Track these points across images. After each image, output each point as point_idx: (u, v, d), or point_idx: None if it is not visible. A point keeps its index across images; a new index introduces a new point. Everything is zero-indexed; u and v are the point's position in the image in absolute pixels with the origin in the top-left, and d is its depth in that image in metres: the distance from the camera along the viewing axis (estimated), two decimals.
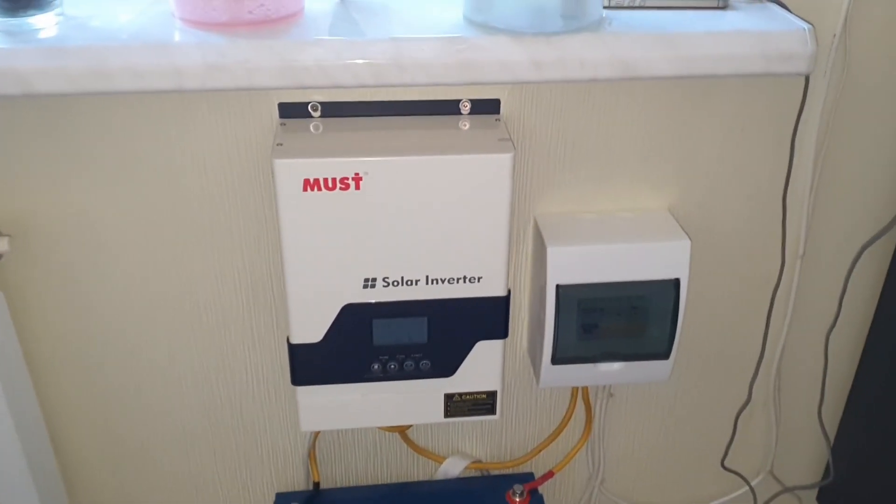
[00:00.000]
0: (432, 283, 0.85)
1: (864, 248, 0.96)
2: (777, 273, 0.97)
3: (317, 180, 0.78)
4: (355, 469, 1.10)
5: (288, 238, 0.81)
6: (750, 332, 1.03)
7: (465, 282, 0.86)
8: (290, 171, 0.78)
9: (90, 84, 0.69)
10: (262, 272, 0.93)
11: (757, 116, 0.89)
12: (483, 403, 0.94)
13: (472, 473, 1.11)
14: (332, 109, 0.85)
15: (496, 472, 1.10)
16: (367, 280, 0.85)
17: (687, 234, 0.89)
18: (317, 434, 1.06)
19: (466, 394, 0.93)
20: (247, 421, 1.04)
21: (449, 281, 0.85)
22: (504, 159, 0.80)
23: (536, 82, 0.75)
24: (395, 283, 0.85)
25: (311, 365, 0.89)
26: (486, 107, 0.87)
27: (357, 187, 0.79)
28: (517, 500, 1.03)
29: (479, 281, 0.86)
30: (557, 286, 0.89)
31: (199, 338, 0.97)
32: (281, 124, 0.83)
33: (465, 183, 0.80)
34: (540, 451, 1.09)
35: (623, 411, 1.09)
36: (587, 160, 0.90)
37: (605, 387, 1.06)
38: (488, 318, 0.88)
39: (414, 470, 1.11)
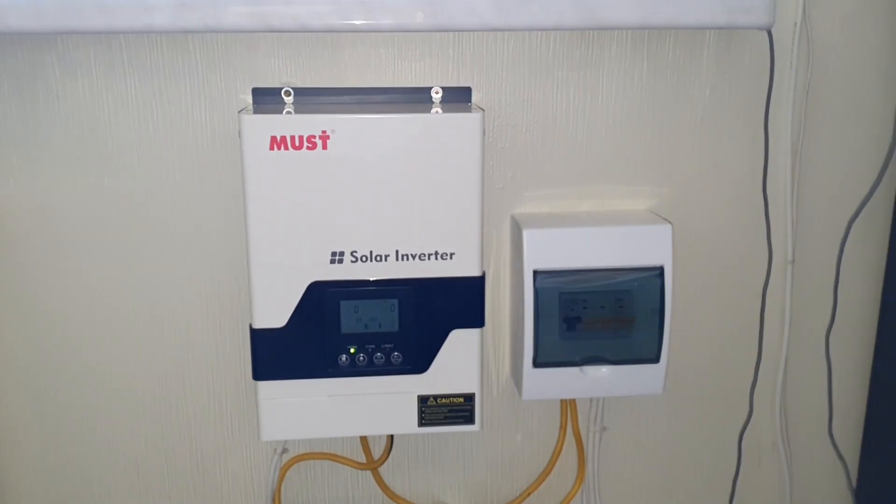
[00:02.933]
0: (403, 258, 0.82)
1: (850, 223, 0.93)
2: (765, 269, 0.93)
3: (283, 138, 0.77)
4: None
5: (253, 204, 0.79)
6: (744, 335, 0.97)
7: (437, 258, 0.82)
8: (257, 127, 0.77)
9: (60, 19, 0.70)
10: (229, 287, 0.90)
11: (728, 104, 0.90)
12: (461, 410, 0.87)
13: None
14: (305, 94, 0.86)
15: None
16: (334, 254, 0.81)
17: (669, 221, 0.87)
18: (282, 475, 0.97)
19: (442, 397, 0.86)
20: (207, 458, 0.96)
21: (420, 257, 0.82)
22: (474, 118, 0.79)
23: (502, 29, 0.76)
24: (364, 259, 0.81)
25: (274, 355, 0.83)
26: (458, 95, 0.87)
27: (324, 146, 0.78)
28: None
29: (451, 258, 0.82)
30: (535, 272, 0.85)
31: (159, 357, 0.92)
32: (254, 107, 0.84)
33: (435, 144, 0.79)
34: (528, 494, 0.99)
35: (617, 448, 1.00)
36: (562, 158, 0.90)
37: (596, 419, 0.98)
38: (462, 301, 0.84)
39: None
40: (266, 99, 0.86)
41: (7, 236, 0.86)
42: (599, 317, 0.87)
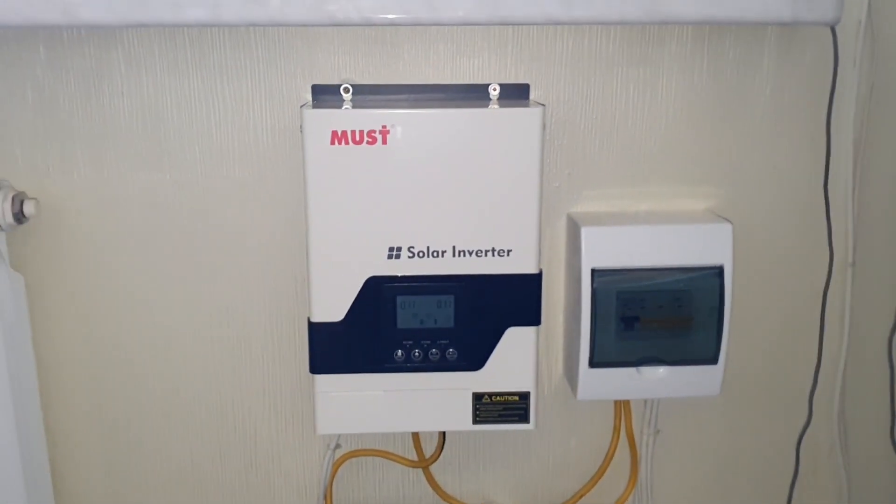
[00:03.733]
0: (459, 255, 0.82)
1: None
2: (826, 270, 0.92)
3: (344, 132, 0.78)
4: None
5: (313, 198, 0.79)
6: (803, 338, 0.95)
7: (493, 255, 0.82)
8: (319, 122, 0.78)
9: (131, 12, 0.71)
10: (287, 282, 0.91)
11: (789, 103, 0.89)
12: (515, 408, 0.86)
13: None
14: (363, 90, 0.86)
15: None
16: (391, 249, 0.81)
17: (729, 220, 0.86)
18: (335, 471, 0.97)
19: (497, 394, 0.86)
20: (261, 453, 0.96)
21: (477, 253, 0.82)
22: (534, 114, 0.79)
23: (565, 22, 0.76)
24: (421, 254, 0.81)
25: (331, 349, 0.83)
26: (516, 92, 0.87)
27: (384, 141, 0.78)
28: None
29: (508, 255, 0.82)
30: (593, 270, 0.85)
31: (215, 351, 0.93)
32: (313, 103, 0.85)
33: (494, 140, 0.79)
34: (581, 496, 0.98)
35: (672, 451, 0.99)
36: (620, 156, 0.89)
37: (650, 422, 0.97)
38: (519, 299, 0.83)
39: None
40: (325, 95, 0.86)
41: (70, 229, 0.87)
42: (657, 316, 0.86)
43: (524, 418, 0.87)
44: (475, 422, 0.87)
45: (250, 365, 0.93)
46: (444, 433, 0.95)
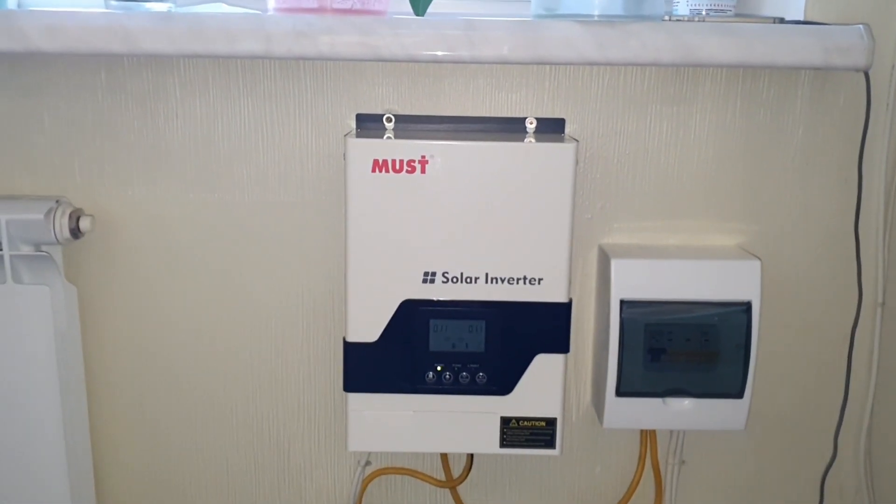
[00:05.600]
0: (492, 281, 0.84)
1: None
2: (854, 310, 0.92)
3: (385, 161, 0.81)
4: None
5: (353, 222, 0.83)
6: (830, 376, 0.96)
7: (525, 283, 0.84)
8: (361, 150, 0.81)
9: (188, 44, 0.76)
10: (325, 302, 0.94)
11: (821, 144, 0.90)
12: (542, 433, 0.89)
13: None
14: (405, 121, 0.90)
15: None
16: (426, 274, 0.84)
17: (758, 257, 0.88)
18: (364, 488, 1.00)
19: (524, 419, 0.88)
20: (293, 467, 1.00)
21: (509, 281, 0.84)
22: (567, 150, 0.82)
23: (599, 63, 0.78)
24: (455, 280, 0.84)
25: (364, 369, 0.86)
26: (552, 126, 0.90)
27: (423, 171, 0.82)
28: None
29: (539, 283, 0.84)
30: (622, 301, 0.87)
31: (254, 366, 0.96)
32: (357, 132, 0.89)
33: (529, 172, 0.82)
34: None
35: (696, 482, 1.00)
36: (652, 191, 0.92)
37: (675, 452, 0.98)
38: (549, 327, 0.86)
39: None
40: (369, 124, 0.90)
41: (122, 245, 0.92)
42: (684, 349, 0.87)
43: (550, 444, 0.89)
44: (502, 445, 0.89)
45: (287, 381, 0.96)
46: (471, 455, 0.97)
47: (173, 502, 1.00)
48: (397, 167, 0.81)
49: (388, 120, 0.90)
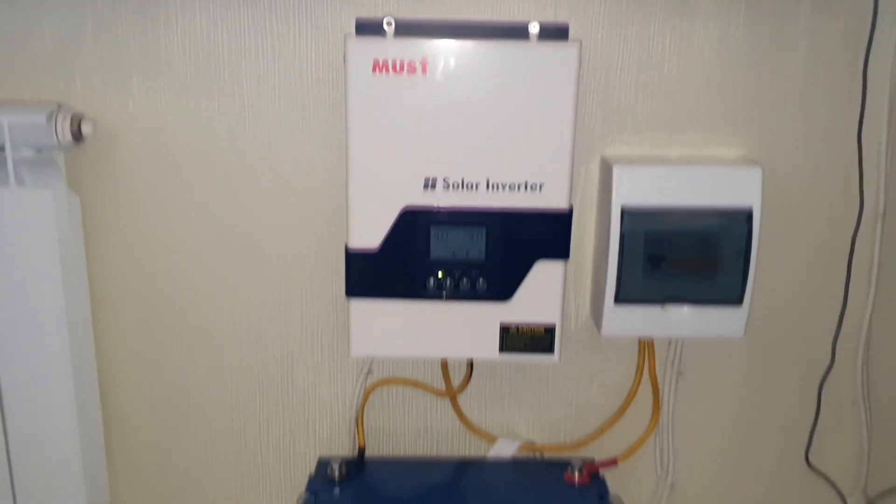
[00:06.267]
0: (493, 188, 0.84)
1: None
2: (855, 219, 0.92)
3: (385, 62, 0.81)
4: (404, 443, 1.03)
5: (354, 126, 0.83)
6: (830, 285, 0.96)
7: (526, 189, 0.84)
8: (361, 50, 0.81)
9: None
10: (326, 211, 0.94)
11: (826, 53, 0.89)
12: (541, 340, 0.89)
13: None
14: (405, 26, 0.89)
15: (552, 456, 1.02)
16: (427, 180, 0.84)
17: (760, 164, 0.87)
18: (366, 397, 1.01)
19: (524, 326, 0.89)
20: (297, 380, 1.01)
21: (510, 187, 0.84)
22: (570, 50, 0.81)
23: None
24: (456, 186, 0.84)
25: (366, 275, 0.87)
26: (555, 32, 0.89)
27: (424, 71, 0.81)
28: (576, 477, 0.94)
29: (540, 189, 0.85)
30: (623, 209, 0.87)
31: (256, 276, 0.97)
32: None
33: (532, 74, 0.81)
34: (602, 433, 1.01)
35: (693, 393, 1.01)
36: (655, 102, 0.91)
37: (673, 363, 0.99)
38: (549, 233, 0.86)
39: (465, 451, 1.04)
40: (368, 29, 0.89)
41: (124, 153, 0.92)
42: (684, 257, 0.88)
43: (549, 350, 0.90)
44: (502, 351, 0.90)
45: (290, 292, 0.97)
46: (471, 365, 0.98)
47: (177, 415, 1.01)
48: (398, 68, 0.81)
49: (388, 24, 0.88)
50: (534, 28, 0.88)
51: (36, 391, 0.89)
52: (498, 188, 0.84)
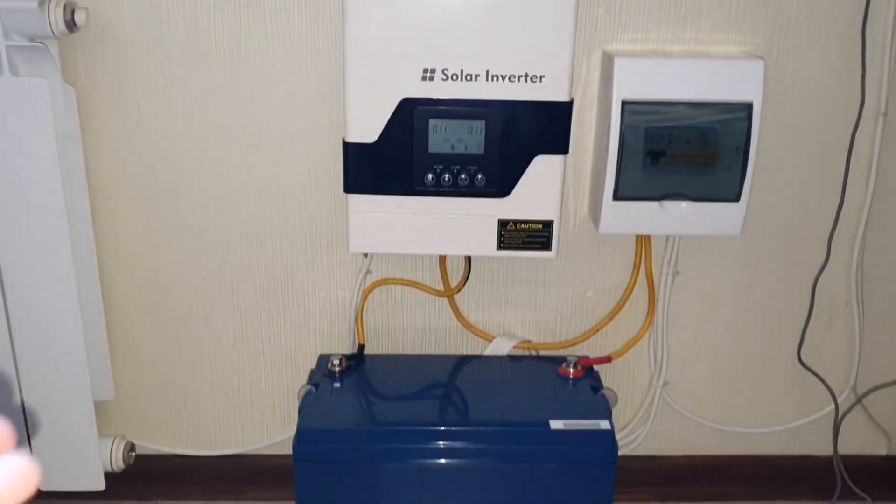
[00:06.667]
0: (492, 79, 0.84)
1: None
2: (856, 115, 0.92)
3: None
4: (403, 343, 1.05)
5: (351, 13, 0.81)
6: (828, 181, 0.96)
7: (526, 80, 0.84)
8: None
9: None
10: (321, 104, 0.93)
11: None
12: (538, 236, 0.90)
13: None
14: None
15: (547, 354, 1.04)
16: (426, 70, 0.83)
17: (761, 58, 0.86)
18: (365, 296, 1.02)
19: (521, 222, 0.89)
20: (297, 280, 1.01)
21: (510, 78, 0.84)
22: None
23: None
24: (455, 77, 0.83)
25: (364, 170, 0.87)
26: None
27: None
28: (570, 371, 0.96)
29: (541, 81, 0.84)
30: (623, 102, 0.86)
31: (254, 173, 0.96)
32: None
33: None
34: (597, 331, 1.03)
35: (689, 293, 1.02)
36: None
37: (670, 262, 1.00)
38: (549, 126, 0.85)
39: (462, 351, 1.06)
40: None
41: (117, 45, 0.90)
42: (684, 151, 0.87)
43: (547, 246, 0.90)
44: (499, 247, 0.90)
45: (287, 187, 0.96)
46: (469, 264, 0.99)
47: (180, 313, 1.02)
48: None
49: None
50: None
51: (37, 288, 0.90)
52: (498, 79, 0.84)
